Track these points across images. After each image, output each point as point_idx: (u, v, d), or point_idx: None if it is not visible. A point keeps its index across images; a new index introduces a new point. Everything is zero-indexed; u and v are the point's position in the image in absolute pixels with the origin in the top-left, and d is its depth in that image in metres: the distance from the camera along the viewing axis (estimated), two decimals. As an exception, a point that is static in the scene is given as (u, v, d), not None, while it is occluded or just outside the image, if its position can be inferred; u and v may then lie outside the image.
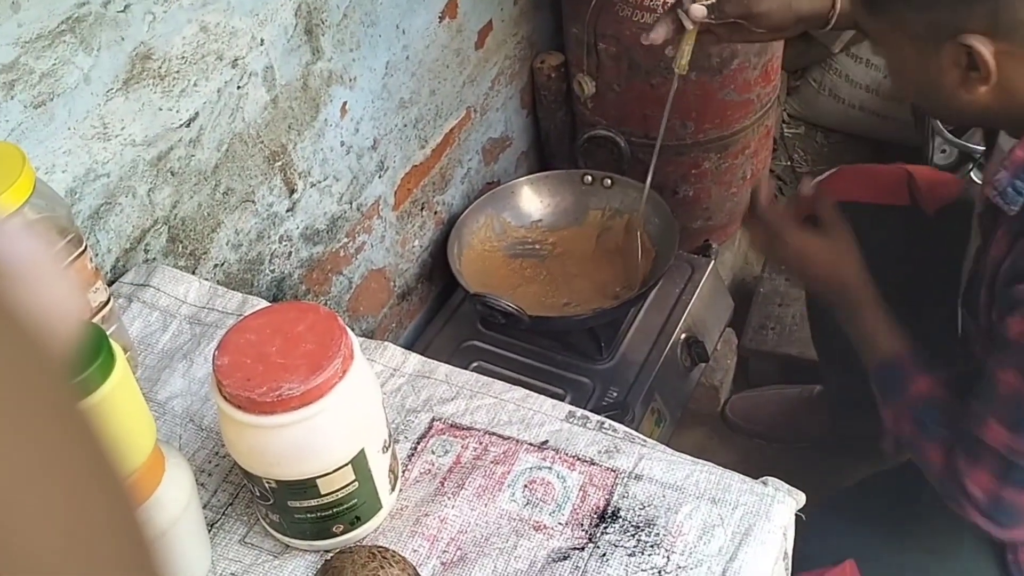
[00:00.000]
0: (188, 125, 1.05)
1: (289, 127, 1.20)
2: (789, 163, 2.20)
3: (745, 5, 1.14)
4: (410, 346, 1.46)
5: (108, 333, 0.67)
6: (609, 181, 1.61)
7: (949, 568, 1.10)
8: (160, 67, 0.99)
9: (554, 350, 1.50)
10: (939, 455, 0.98)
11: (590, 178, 1.62)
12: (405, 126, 1.44)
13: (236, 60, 1.09)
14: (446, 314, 1.58)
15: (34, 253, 0.26)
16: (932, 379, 1.02)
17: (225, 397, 0.68)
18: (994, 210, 0.95)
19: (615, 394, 1.43)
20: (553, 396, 0.89)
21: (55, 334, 0.26)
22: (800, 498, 0.79)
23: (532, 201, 1.64)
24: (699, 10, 1.15)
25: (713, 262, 1.64)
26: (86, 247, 0.81)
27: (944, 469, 0.97)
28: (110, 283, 0.98)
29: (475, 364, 1.48)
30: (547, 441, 0.83)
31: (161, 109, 1.01)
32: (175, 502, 0.69)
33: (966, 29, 0.86)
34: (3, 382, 0.21)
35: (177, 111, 1.03)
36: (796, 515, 0.78)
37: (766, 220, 1.15)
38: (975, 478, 0.94)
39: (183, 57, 1.02)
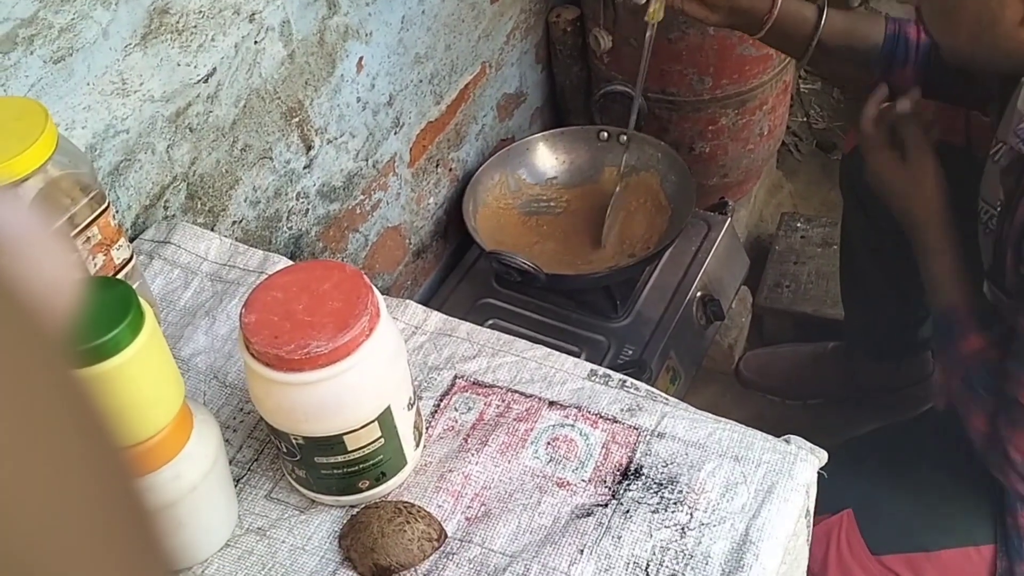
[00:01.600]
0: (206, 81, 1.04)
1: (306, 83, 1.19)
2: (805, 119, 2.18)
3: None
4: (425, 304, 1.46)
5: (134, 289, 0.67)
6: (625, 137, 1.60)
7: (947, 526, 1.11)
8: (177, 22, 0.98)
9: (569, 308, 1.50)
10: (983, 422, 0.98)
11: (606, 134, 1.61)
12: (420, 82, 1.43)
13: (253, 14, 1.08)
14: (461, 272, 1.58)
15: (30, 225, 0.26)
16: (984, 338, 1.00)
17: (253, 354, 0.68)
18: (1019, 165, 0.94)
19: (630, 352, 1.43)
20: (569, 354, 0.89)
21: (51, 308, 0.25)
22: (822, 456, 0.79)
23: (547, 158, 1.63)
24: None
25: (729, 220, 1.64)
26: (108, 204, 0.81)
27: (988, 437, 0.97)
28: (131, 240, 0.98)
29: (490, 322, 1.48)
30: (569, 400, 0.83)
31: (179, 64, 1.00)
32: (204, 458, 0.69)
33: None
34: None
35: (195, 66, 1.02)
36: (818, 473, 0.79)
37: (861, 135, 1.13)
38: (1017, 443, 0.94)
39: (200, 11, 1.01)
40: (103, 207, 0.80)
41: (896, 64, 1.18)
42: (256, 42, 1.09)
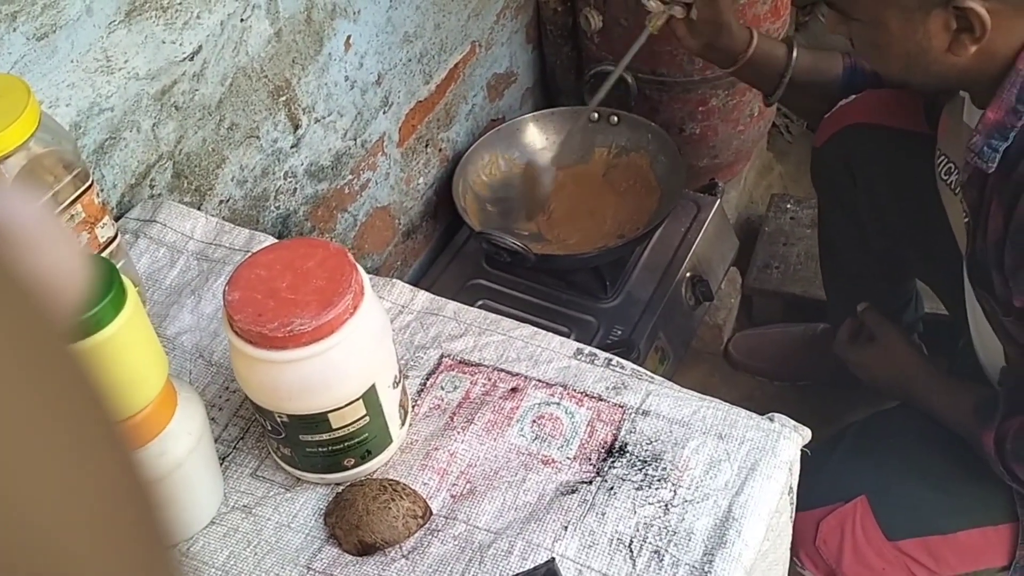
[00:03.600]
0: (191, 59, 1.04)
1: (293, 61, 1.19)
2: (796, 101, 2.18)
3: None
4: (415, 284, 1.46)
5: (116, 267, 0.67)
6: (616, 118, 1.59)
7: (961, 505, 1.12)
8: (162, -2, 0.98)
9: (559, 288, 1.50)
10: None
11: (596, 115, 1.60)
12: (409, 61, 1.42)
13: (239, -8, 1.07)
14: (451, 252, 1.58)
15: (36, 216, 0.26)
16: (994, 432, 1.05)
17: (236, 332, 0.68)
18: (980, 179, 0.96)
19: (619, 332, 1.44)
20: (558, 334, 0.89)
21: (58, 298, 0.26)
22: (806, 434, 0.79)
23: (538, 138, 1.62)
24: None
25: (719, 201, 1.64)
26: (92, 182, 0.81)
27: None
28: (116, 219, 0.97)
29: (480, 302, 1.48)
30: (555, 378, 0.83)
31: (164, 42, 1.00)
32: (188, 435, 0.70)
33: None
34: (4, 345, 0.21)
35: (180, 44, 1.02)
36: (802, 451, 0.79)
37: (840, 355, 1.31)
38: None
39: (185, -12, 1.00)
40: (87, 185, 0.80)
41: (853, 92, 1.28)
42: (242, 19, 1.09)
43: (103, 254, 0.83)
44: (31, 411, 0.22)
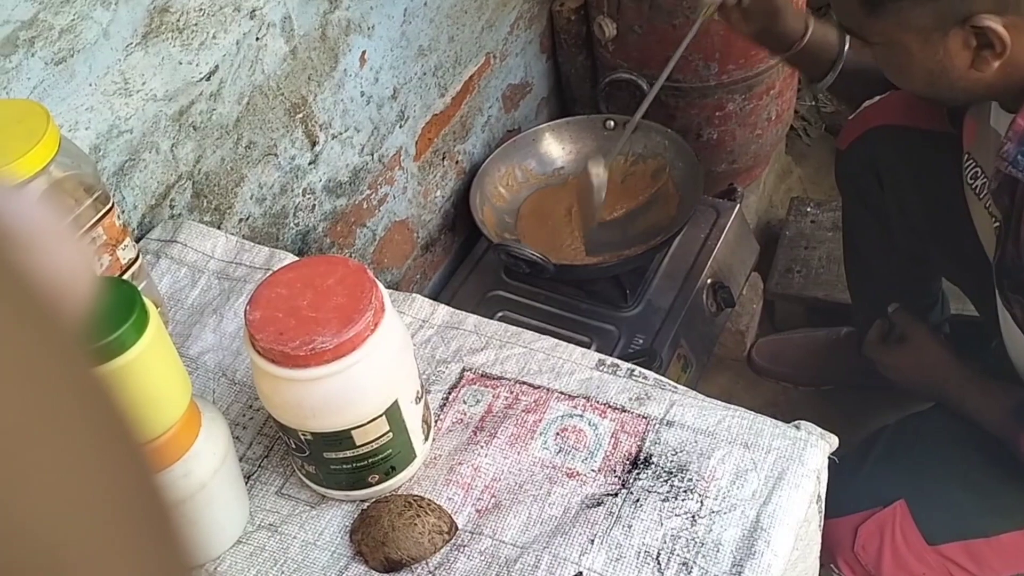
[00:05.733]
0: (208, 79, 1.04)
1: (309, 78, 1.19)
2: (814, 103, 2.16)
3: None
4: (435, 297, 1.46)
5: (138, 289, 0.67)
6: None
7: (1003, 507, 1.10)
8: (178, 20, 0.98)
9: (579, 298, 1.49)
10: None
11: (612, 123, 1.60)
12: (424, 74, 1.43)
13: (254, 11, 1.07)
14: (470, 264, 1.58)
15: (45, 220, 0.26)
16: None
17: (258, 351, 0.68)
18: (1011, 185, 0.95)
19: (641, 341, 1.43)
20: (579, 344, 0.88)
21: (67, 302, 0.25)
22: (833, 441, 0.79)
23: (554, 148, 1.62)
24: None
25: (738, 206, 1.63)
26: (113, 204, 0.81)
27: None
28: (137, 240, 0.98)
29: (500, 314, 1.48)
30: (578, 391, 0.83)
31: (181, 63, 1.00)
32: (213, 455, 0.70)
33: (976, 11, 0.88)
34: (12, 348, 0.21)
35: (197, 64, 1.02)
36: (829, 458, 0.78)
37: (870, 357, 1.28)
38: None
39: (201, 9, 1.01)
40: (107, 207, 0.80)
41: None
42: (258, 38, 1.09)
43: (125, 276, 0.84)
44: (46, 431, 0.22)
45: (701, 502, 0.74)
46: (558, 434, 0.80)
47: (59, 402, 0.22)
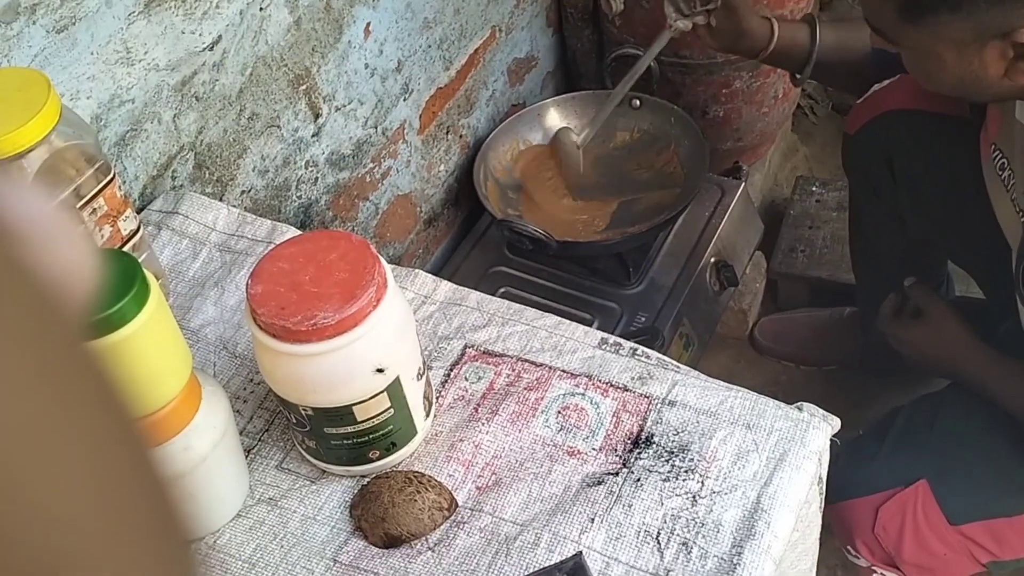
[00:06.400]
0: (211, 49, 1.03)
1: (313, 49, 1.18)
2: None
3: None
4: (437, 272, 1.45)
5: (139, 261, 0.67)
6: (638, 102, 1.58)
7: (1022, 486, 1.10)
8: (181, -11, 0.97)
9: (582, 275, 1.49)
10: None
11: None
12: (429, 47, 1.41)
13: (258, -20, 1.06)
14: (472, 240, 1.58)
15: (46, 213, 0.25)
16: None
17: (260, 326, 0.68)
18: None
19: (643, 319, 1.42)
20: (581, 321, 0.88)
21: (69, 295, 0.25)
22: (835, 423, 0.78)
23: (559, 123, 1.61)
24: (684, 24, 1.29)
25: (743, 184, 1.62)
26: (114, 174, 0.81)
27: None
28: (138, 211, 0.97)
29: (503, 290, 1.48)
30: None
31: (184, 32, 0.99)
32: (213, 429, 0.69)
33: (1017, 26, 0.88)
34: (15, 342, 0.21)
35: (200, 34, 1.01)
36: (831, 440, 0.78)
37: (884, 331, 1.26)
38: None
39: (204, -22, 0.99)
40: (108, 178, 0.80)
41: (888, 62, 1.23)
42: (261, 8, 1.08)
43: (126, 247, 0.83)
44: (43, 408, 0.22)
45: (702, 482, 0.74)
46: (559, 412, 0.80)
47: (61, 388, 0.22)
